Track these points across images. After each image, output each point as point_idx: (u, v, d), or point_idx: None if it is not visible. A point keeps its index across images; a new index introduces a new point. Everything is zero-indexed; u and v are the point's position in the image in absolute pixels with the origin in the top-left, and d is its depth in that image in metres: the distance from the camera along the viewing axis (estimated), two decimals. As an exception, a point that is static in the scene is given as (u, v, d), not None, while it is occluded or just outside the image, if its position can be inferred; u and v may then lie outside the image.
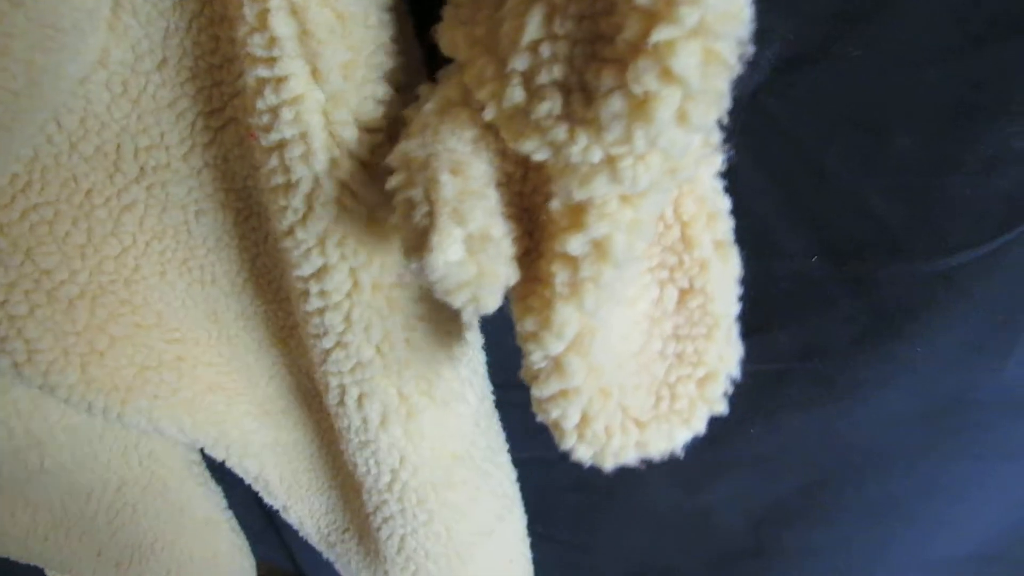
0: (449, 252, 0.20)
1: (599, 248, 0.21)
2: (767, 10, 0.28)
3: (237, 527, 0.58)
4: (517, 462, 0.46)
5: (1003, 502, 0.45)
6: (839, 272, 0.36)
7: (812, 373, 0.41)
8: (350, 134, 0.28)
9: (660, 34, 0.16)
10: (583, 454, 0.25)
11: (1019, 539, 0.47)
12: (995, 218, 0.32)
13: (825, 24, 0.29)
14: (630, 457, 0.26)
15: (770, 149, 0.33)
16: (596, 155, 0.19)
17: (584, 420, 0.24)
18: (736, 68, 0.17)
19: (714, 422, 0.31)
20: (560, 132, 0.19)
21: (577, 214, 0.21)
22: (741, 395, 0.32)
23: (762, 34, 0.29)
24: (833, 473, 0.46)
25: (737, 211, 0.31)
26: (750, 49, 0.16)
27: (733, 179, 0.31)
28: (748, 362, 0.39)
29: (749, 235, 0.34)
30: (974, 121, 0.29)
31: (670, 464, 0.30)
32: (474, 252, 0.21)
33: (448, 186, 0.21)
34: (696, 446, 0.31)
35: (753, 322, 0.39)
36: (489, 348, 0.40)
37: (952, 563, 0.48)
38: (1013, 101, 0.28)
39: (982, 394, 0.39)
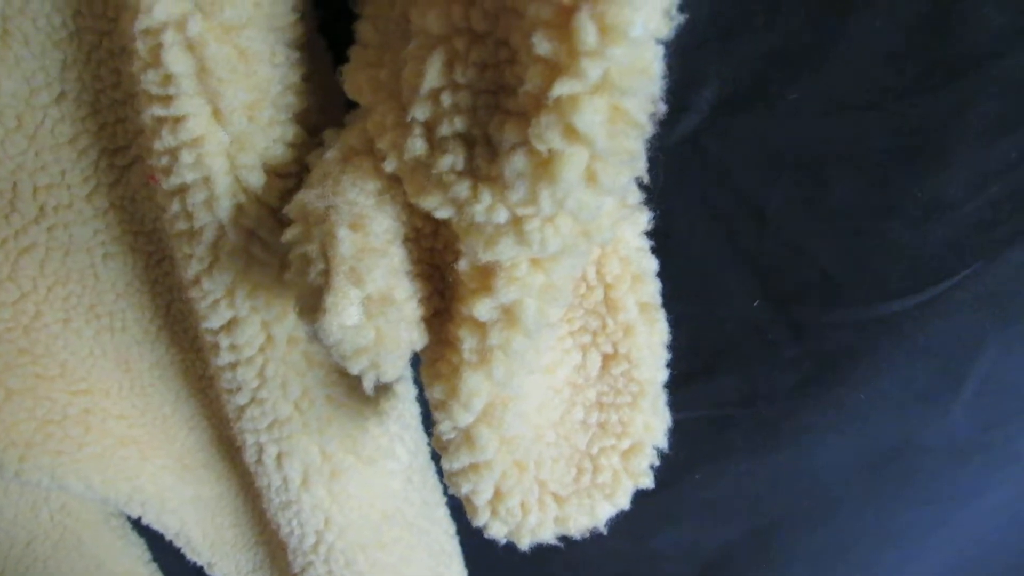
0: (345, 315, 0.18)
1: (508, 314, 0.19)
2: (702, 51, 0.28)
3: (162, 581, 0.55)
4: (459, 507, 0.45)
5: (952, 548, 0.45)
6: (781, 317, 0.35)
7: (756, 419, 0.40)
8: (257, 179, 0.26)
9: (562, 88, 0.14)
10: (497, 531, 0.23)
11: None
12: (934, 265, 0.31)
13: (761, 67, 0.28)
14: (548, 534, 0.24)
15: (709, 191, 0.32)
16: (501, 215, 0.17)
17: (497, 495, 0.22)
18: (648, 127, 0.15)
19: (659, 468, 0.30)
20: (463, 189, 0.17)
21: (485, 277, 0.19)
22: (685, 441, 0.31)
23: (698, 75, 0.29)
24: (780, 519, 0.45)
25: (677, 255, 0.29)
26: (663, 108, 0.15)
27: (672, 222, 0.30)
28: (691, 408, 0.38)
29: (690, 279, 0.33)
30: (912, 167, 0.29)
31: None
32: (372, 316, 0.19)
33: (346, 242, 0.19)
34: (641, 493, 0.30)
35: (695, 367, 0.38)
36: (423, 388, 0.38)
37: (902, 609, 0.47)
38: (950, 148, 0.28)
39: (927, 440, 0.39)
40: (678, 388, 0.30)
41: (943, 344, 0.34)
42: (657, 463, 0.27)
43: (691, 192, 0.32)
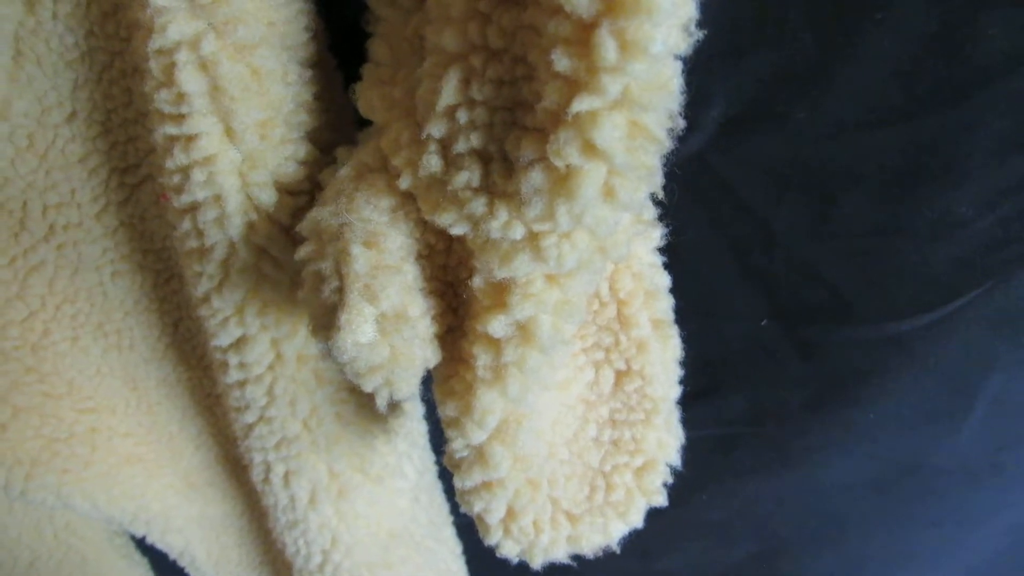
0: (359, 332, 0.18)
1: (523, 331, 0.19)
2: (709, 69, 0.28)
3: (164, 602, 0.54)
4: (466, 526, 0.44)
5: (963, 570, 0.44)
6: (789, 335, 0.35)
7: (764, 438, 0.39)
8: (268, 197, 0.26)
9: (581, 104, 0.14)
10: (510, 550, 0.23)
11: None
12: (944, 283, 0.31)
13: (769, 85, 0.28)
14: (561, 553, 0.24)
15: (718, 209, 0.32)
16: (517, 231, 0.17)
17: (510, 514, 0.22)
18: (666, 142, 0.15)
19: (666, 487, 0.30)
20: (479, 205, 0.17)
21: (499, 293, 0.19)
22: (692, 460, 0.31)
23: (706, 93, 0.29)
24: (788, 540, 0.45)
25: (684, 272, 0.29)
26: (681, 123, 0.15)
27: (679, 239, 0.30)
28: (698, 427, 0.38)
29: (697, 297, 0.33)
30: (920, 186, 0.29)
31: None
32: (387, 333, 0.19)
33: (360, 260, 0.19)
34: (648, 512, 0.29)
35: (703, 385, 0.38)
36: (432, 407, 0.38)
37: (913, 632, 0.47)
38: (958, 166, 0.28)
39: (938, 460, 0.38)
40: (685, 406, 0.30)
41: (953, 364, 0.34)
42: (670, 481, 0.27)
43: (698, 210, 0.32)
